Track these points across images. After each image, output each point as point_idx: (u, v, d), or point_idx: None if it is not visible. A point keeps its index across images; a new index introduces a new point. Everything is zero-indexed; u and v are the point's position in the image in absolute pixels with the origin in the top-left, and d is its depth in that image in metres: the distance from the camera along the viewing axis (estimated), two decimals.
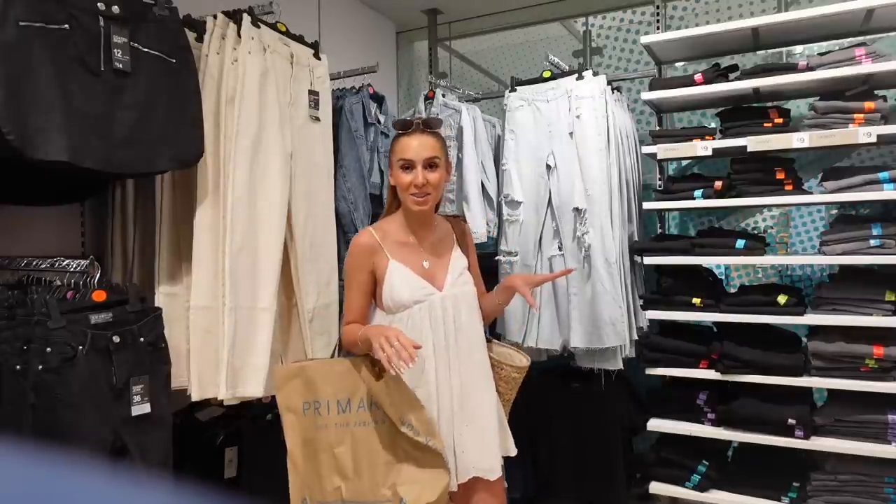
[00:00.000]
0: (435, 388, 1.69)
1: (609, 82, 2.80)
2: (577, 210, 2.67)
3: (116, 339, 1.61)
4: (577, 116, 2.69)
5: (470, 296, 1.80)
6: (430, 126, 1.74)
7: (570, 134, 2.70)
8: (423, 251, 1.77)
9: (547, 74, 2.87)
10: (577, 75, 2.76)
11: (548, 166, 2.75)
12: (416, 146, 1.69)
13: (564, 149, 2.72)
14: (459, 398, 1.71)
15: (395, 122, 1.78)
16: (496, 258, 2.88)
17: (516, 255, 2.82)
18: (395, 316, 1.71)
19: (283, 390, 1.70)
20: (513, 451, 1.85)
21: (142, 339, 1.68)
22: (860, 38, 2.70)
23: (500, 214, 2.91)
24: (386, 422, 1.62)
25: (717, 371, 2.58)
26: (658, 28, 3.05)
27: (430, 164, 1.69)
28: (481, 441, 1.73)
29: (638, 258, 2.86)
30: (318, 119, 2.38)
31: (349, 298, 1.76)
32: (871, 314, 2.36)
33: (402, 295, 1.70)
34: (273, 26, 2.22)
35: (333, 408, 1.67)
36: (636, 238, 2.90)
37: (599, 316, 2.62)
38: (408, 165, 1.69)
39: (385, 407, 1.60)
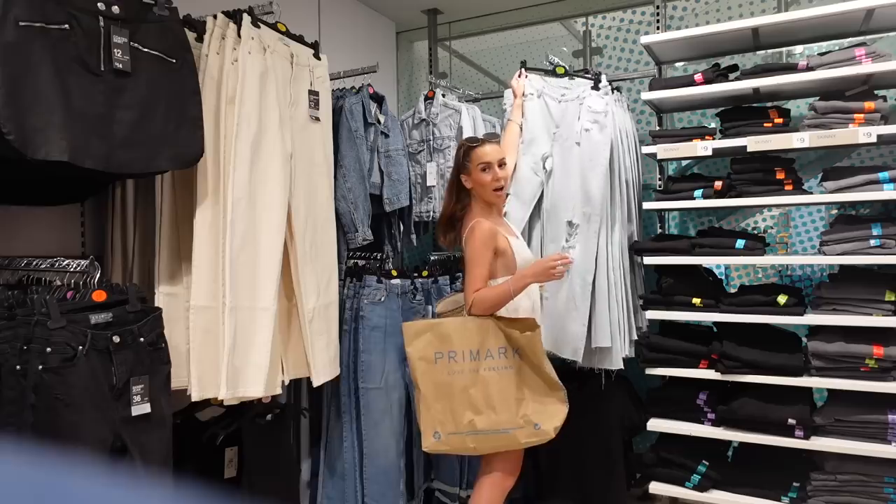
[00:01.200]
0: (539, 304, 2.40)
1: (609, 82, 2.80)
2: (569, 223, 2.66)
3: (116, 339, 1.61)
4: (587, 130, 2.66)
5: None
6: (494, 136, 2.42)
7: (577, 144, 2.68)
8: (511, 233, 2.36)
9: (561, 70, 2.85)
10: (593, 83, 2.74)
11: (544, 167, 2.74)
12: (491, 151, 2.25)
13: (567, 157, 2.70)
14: (539, 311, 2.40)
15: (467, 139, 2.39)
16: None
17: None
18: (519, 271, 2.20)
19: (413, 343, 2.16)
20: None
21: (142, 340, 1.68)
22: (860, 38, 2.70)
23: None
24: (513, 367, 2.13)
25: (717, 371, 2.58)
26: (658, 28, 3.04)
27: (501, 164, 2.26)
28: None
29: (638, 258, 2.86)
30: (318, 119, 2.38)
31: (476, 274, 2.15)
32: (871, 314, 2.36)
33: (528, 256, 2.31)
34: (273, 26, 2.22)
35: (467, 356, 2.13)
36: (636, 238, 2.90)
37: (564, 327, 2.63)
38: (486, 167, 2.23)
39: (530, 355, 2.12)
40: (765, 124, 2.57)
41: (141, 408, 1.66)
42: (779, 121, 2.56)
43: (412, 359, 2.16)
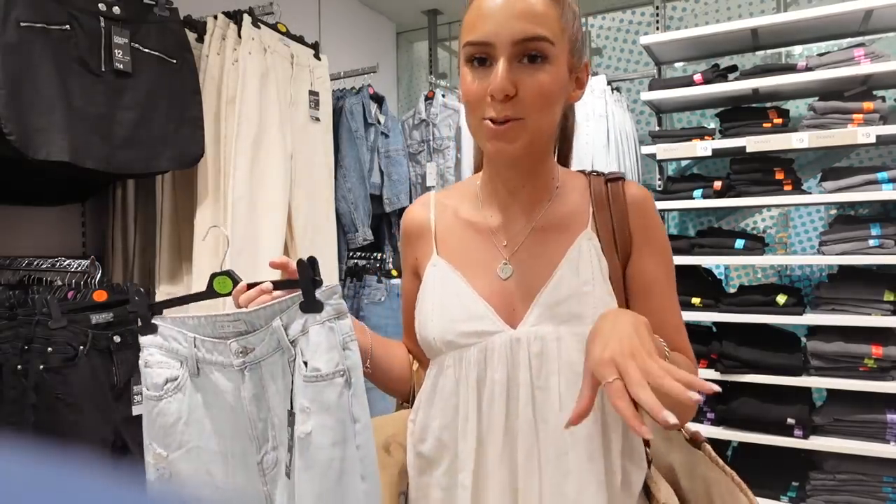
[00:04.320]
0: None
1: (609, 82, 2.80)
2: None
3: (117, 338, 1.62)
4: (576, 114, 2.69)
5: (583, 340, 0.78)
6: None
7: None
8: (504, 242, 0.91)
9: None
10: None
11: None
12: (500, 10, 0.80)
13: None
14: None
15: None
16: None
17: None
18: (431, 369, 0.92)
19: None
20: None
21: None
22: (859, 39, 2.71)
23: None
24: None
25: (716, 371, 2.58)
26: (657, 28, 3.05)
27: (528, 54, 0.80)
28: None
29: None
30: (318, 119, 2.39)
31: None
32: (869, 314, 2.36)
33: (430, 328, 0.88)
34: (273, 27, 2.22)
35: None
36: None
37: None
38: (479, 55, 0.81)
39: None
40: (764, 125, 2.58)
41: (142, 408, 1.66)
42: (778, 121, 2.57)
43: None
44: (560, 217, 0.90)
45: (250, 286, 0.90)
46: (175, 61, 1.83)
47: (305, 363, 0.81)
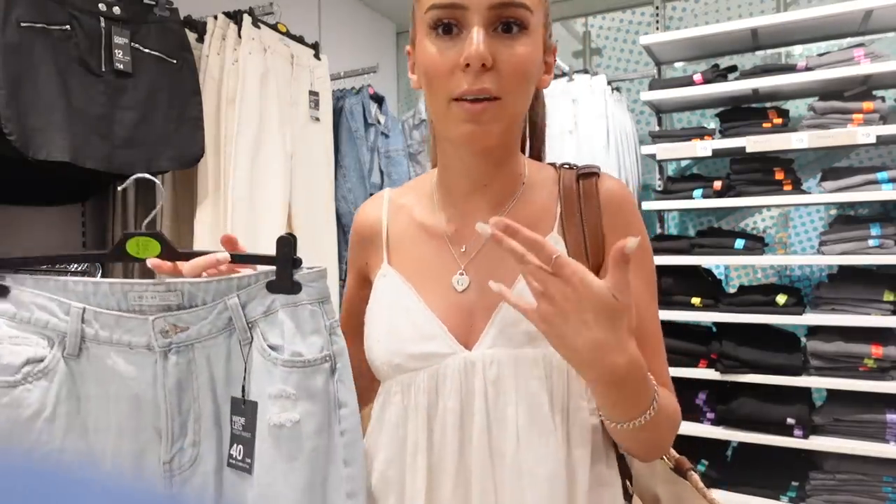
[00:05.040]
0: None
1: (609, 82, 2.81)
2: None
3: None
4: (575, 114, 2.69)
5: (546, 365, 0.74)
6: None
7: (570, 132, 2.70)
8: (459, 248, 0.80)
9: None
10: (567, 78, 2.76)
11: None
12: None
13: (563, 148, 2.72)
14: None
15: None
16: None
17: None
18: (378, 396, 0.82)
19: None
20: None
21: None
22: (859, 39, 2.71)
23: None
24: None
25: (716, 371, 2.58)
26: (657, 28, 3.05)
27: (504, 21, 0.69)
28: None
29: None
30: (318, 119, 2.39)
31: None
32: (869, 314, 2.36)
33: (376, 351, 0.78)
34: (273, 27, 2.23)
35: None
36: None
37: None
38: (447, 20, 0.70)
39: None
40: (764, 125, 2.58)
41: None
42: (778, 121, 2.57)
43: None
44: (524, 218, 0.74)
45: (198, 256, 0.76)
46: (175, 61, 1.83)
47: (273, 347, 0.71)
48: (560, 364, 0.73)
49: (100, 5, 1.65)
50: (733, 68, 2.73)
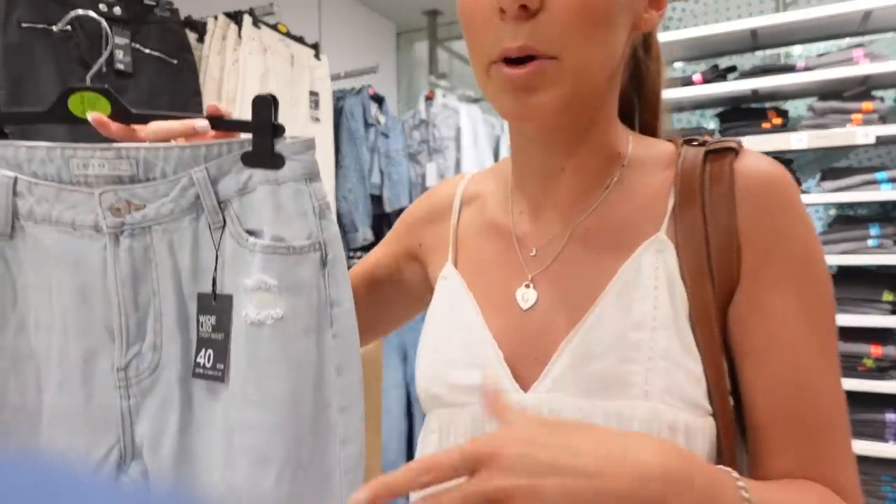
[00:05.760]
0: None
1: None
2: None
3: None
4: None
5: (621, 424, 0.52)
6: None
7: None
8: (529, 252, 0.62)
9: None
10: None
11: None
12: None
13: None
14: None
15: None
16: None
17: None
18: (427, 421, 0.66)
19: None
20: None
21: None
22: (858, 39, 2.71)
23: None
24: None
25: None
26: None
27: None
28: None
29: None
30: (318, 120, 2.39)
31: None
32: (869, 314, 2.37)
33: (419, 371, 0.65)
34: (274, 27, 2.23)
35: None
36: None
37: None
38: None
39: None
40: (763, 125, 2.59)
41: None
42: (777, 121, 2.58)
43: None
44: (620, 214, 0.57)
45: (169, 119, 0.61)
46: (175, 62, 1.84)
47: (251, 232, 0.59)
48: (644, 426, 0.51)
49: (100, 6, 1.66)
50: (733, 68, 2.73)
